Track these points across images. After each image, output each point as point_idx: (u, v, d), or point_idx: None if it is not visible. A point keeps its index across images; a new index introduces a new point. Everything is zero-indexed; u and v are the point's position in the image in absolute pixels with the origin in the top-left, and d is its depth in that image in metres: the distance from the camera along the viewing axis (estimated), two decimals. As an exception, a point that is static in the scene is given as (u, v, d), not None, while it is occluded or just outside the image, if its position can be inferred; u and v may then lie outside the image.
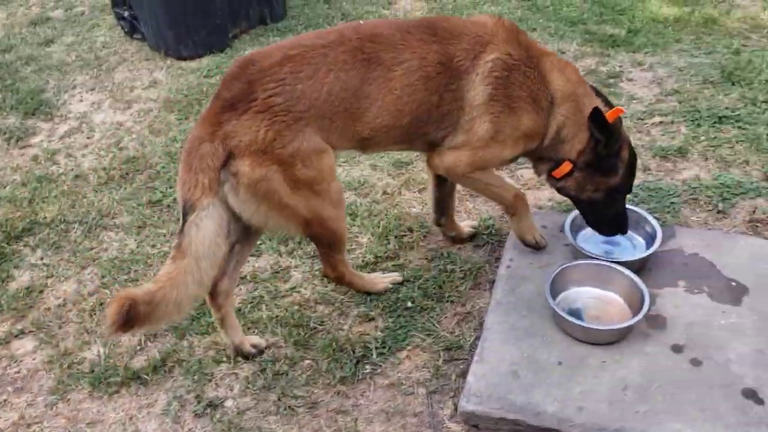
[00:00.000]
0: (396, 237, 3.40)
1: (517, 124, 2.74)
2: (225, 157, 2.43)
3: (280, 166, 2.48)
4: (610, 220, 2.96)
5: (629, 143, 2.87)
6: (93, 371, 2.93)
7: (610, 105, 2.85)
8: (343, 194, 2.80)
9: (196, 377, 2.84)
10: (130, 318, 2.31)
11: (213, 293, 2.74)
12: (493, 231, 3.35)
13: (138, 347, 3.03)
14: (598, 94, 2.90)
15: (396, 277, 3.16)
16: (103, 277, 3.42)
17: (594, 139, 2.76)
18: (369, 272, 3.20)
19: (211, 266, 2.47)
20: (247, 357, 2.89)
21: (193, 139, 2.51)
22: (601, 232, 3.02)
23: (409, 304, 3.02)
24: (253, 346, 2.91)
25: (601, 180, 2.84)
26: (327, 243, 2.81)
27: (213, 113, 2.51)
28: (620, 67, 4.67)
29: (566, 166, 2.85)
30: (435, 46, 2.66)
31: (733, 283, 2.85)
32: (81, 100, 5.12)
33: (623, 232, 3.00)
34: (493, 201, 3.13)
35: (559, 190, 2.98)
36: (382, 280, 3.14)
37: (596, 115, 2.68)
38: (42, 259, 3.60)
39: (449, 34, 2.70)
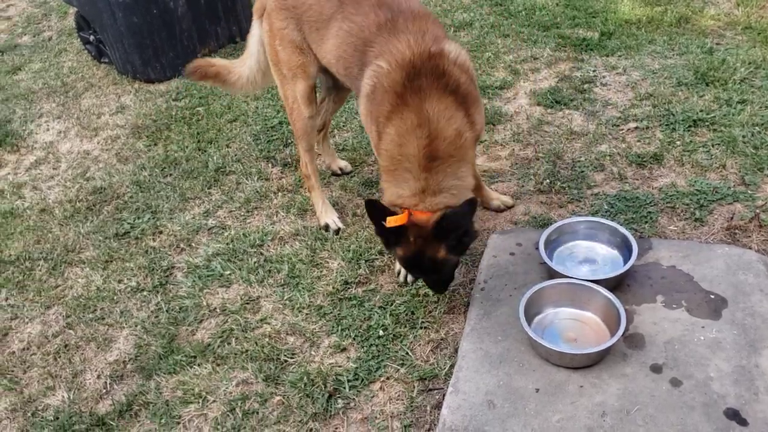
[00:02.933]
0: (366, 261, 3.30)
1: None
2: (265, 6, 3.34)
3: (270, 31, 3.30)
4: None
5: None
6: (57, 418, 2.83)
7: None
8: (305, 98, 3.32)
9: (163, 420, 2.74)
10: (206, 73, 3.66)
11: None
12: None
13: (103, 390, 2.93)
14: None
15: (340, 226, 3.56)
16: (67, 317, 3.31)
17: None
18: (338, 302, 3.12)
19: (255, 62, 3.54)
20: (335, 174, 4.01)
21: None
22: None
23: (381, 332, 2.92)
24: (340, 168, 4.00)
25: None
26: (293, 128, 3.50)
27: None
28: (594, 71, 4.60)
29: None
30: (374, 28, 2.81)
31: (712, 296, 2.77)
32: (47, 129, 5.02)
33: None
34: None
35: None
36: (329, 218, 3.57)
37: None
38: (7, 299, 3.49)
39: (395, 28, 2.76)
